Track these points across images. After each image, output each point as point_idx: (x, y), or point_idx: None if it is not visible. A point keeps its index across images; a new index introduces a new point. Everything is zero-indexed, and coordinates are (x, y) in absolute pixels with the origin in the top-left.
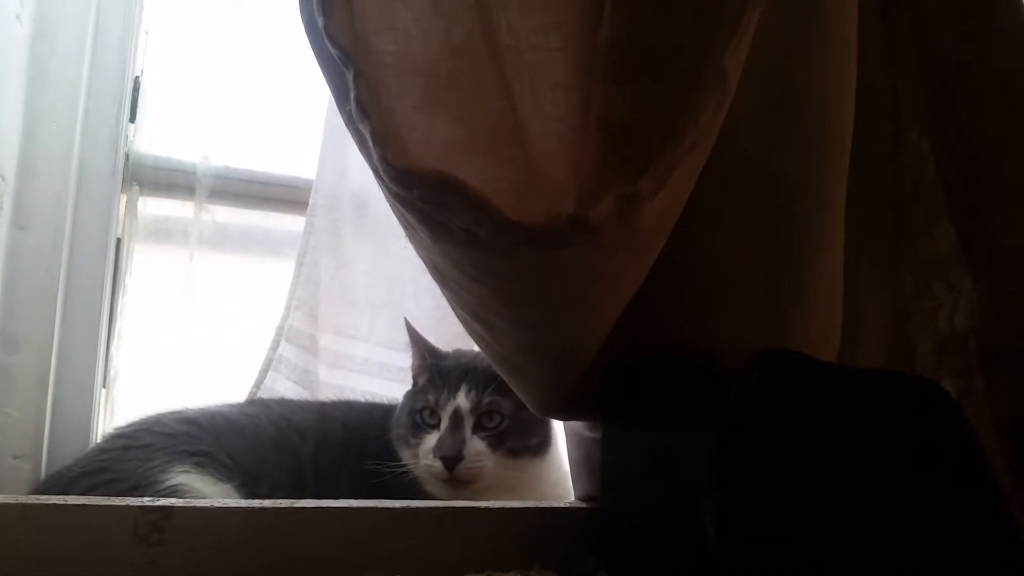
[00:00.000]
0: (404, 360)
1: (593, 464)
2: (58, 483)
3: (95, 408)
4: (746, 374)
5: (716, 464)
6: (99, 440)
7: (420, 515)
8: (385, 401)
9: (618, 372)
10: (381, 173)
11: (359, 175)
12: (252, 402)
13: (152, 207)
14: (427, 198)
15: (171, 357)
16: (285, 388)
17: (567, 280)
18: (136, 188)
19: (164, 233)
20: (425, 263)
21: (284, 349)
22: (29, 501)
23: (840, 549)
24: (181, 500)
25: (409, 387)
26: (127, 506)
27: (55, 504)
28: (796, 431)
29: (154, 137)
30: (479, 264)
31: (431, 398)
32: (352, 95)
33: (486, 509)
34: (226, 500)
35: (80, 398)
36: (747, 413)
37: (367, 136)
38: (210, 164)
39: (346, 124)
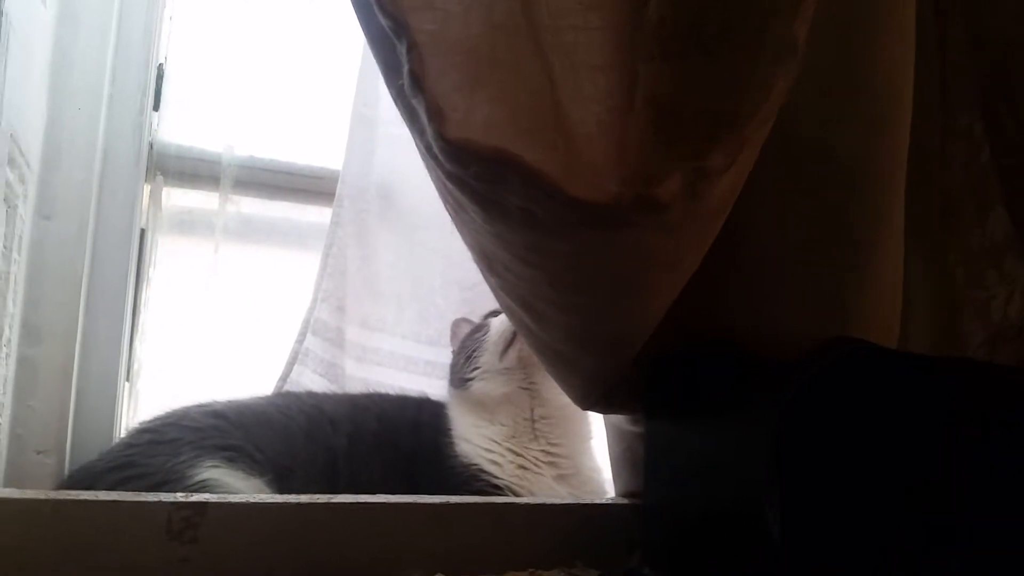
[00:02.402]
0: (431, 354)
1: (636, 459)
2: (83, 479)
3: (119, 402)
4: (810, 363)
5: (779, 457)
6: (123, 435)
7: (460, 510)
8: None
9: (665, 363)
10: (436, 150)
11: (385, 166)
12: (281, 394)
13: (176, 198)
14: (484, 175)
15: (195, 350)
16: (311, 382)
17: (625, 263)
18: (160, 178)
19: (189, 224)
20: (472, 249)
21: (310, 342)
22: (59, 496)
23: (913, 544)
24: (215, 496)
25: (434, 382)
26: (160, 502)
27: (86, 500)
28: (866, 421)
29: (178, 126)
30: (534, 246)
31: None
32: (406, 68)
33: (527, 505)
34: (261, 495)
35: (103, 391)
36: (813, 403)
37: (421, 111)
38: (234, 154)
39: (395, 101)
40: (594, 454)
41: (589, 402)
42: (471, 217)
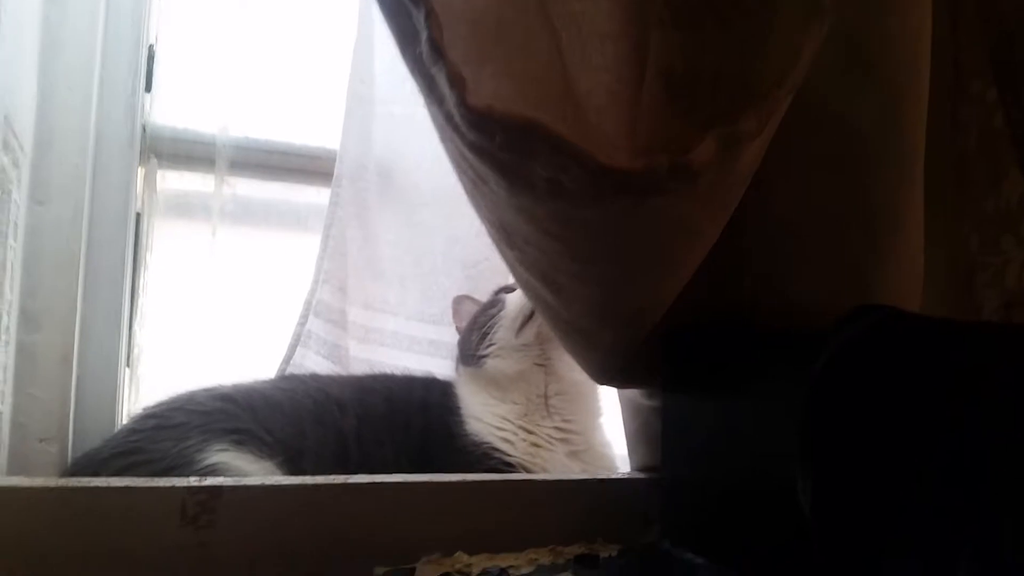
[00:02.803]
0: (434, 333)
1: (652, 433)
2: (87, 466)
3: (120, 388)
4: (838, 331)
5: (810, 429)
6: (126, 421)
7: (478, 488)
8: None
9: (681, 336)
10: (457, 119)
11: (383, 144)
12: (285, 377)
13: (172, 181)
14: (509, 145)
15: (195, 335)
16: (315, 364)
17: (651, 232)
18: (154, 161)
19: (185, 208)
20: (489, 223)
21: (313, 324)
22: (70, 484)
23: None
24: (230, 479)
25: (438, 362)
26: (174, 487)
27: (98, 487)
28: (901, 391)
29: (171, 108)
30: (559, 217)
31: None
32: (424, 35)
33: (544, 482)
34: (276, 477)
35: (104, 378)
36: (844, 373)
37: (441, 79)
38: (229, 135)
39: (412, 71)
40: (604, 430)
41: (607, 377)
42: (491, 190)
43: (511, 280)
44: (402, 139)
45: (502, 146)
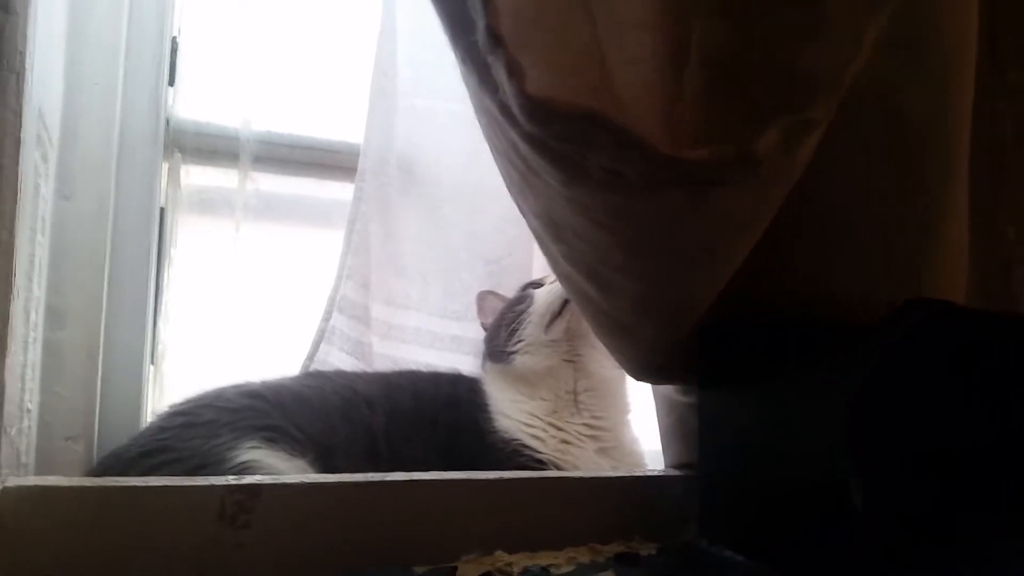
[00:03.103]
0: (457, 329)
1: (687, 430)
2: (114, 465)
3: (145, 385)
4: (891, 325)
5: (862, 425)
6: (153, 419)
7: (515, 485)
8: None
9: (719, 330)
10: (515, 109)
11: (405, 139)
12: (311, 374)
13: (195, 176)
14: (567, 135)
15: (219, 331)
16: (339, 360)
17: (705, 225)
18: (178, 155)
19: (209, 203)
20: (535, 216)
21: (336, 320)
22: (106, 484)
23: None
24: (268, 477)
25: (461, 358)
26: (212, 486)
27: (135, 486)
28: (955, 385)
29: (194, 102)
30: (614, 209)
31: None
32: (482, 24)
33: (580, 479)
34: (315, 476)
35: (129, 375)
36: (898, 367)
37: (499, 68)
38: (252, 129)
39: (463, 60)
40: (632, 427)
41: (645, 373)
42: (543, 182)
43: (535, 276)
44: (423, 133)
45: (560, 136)
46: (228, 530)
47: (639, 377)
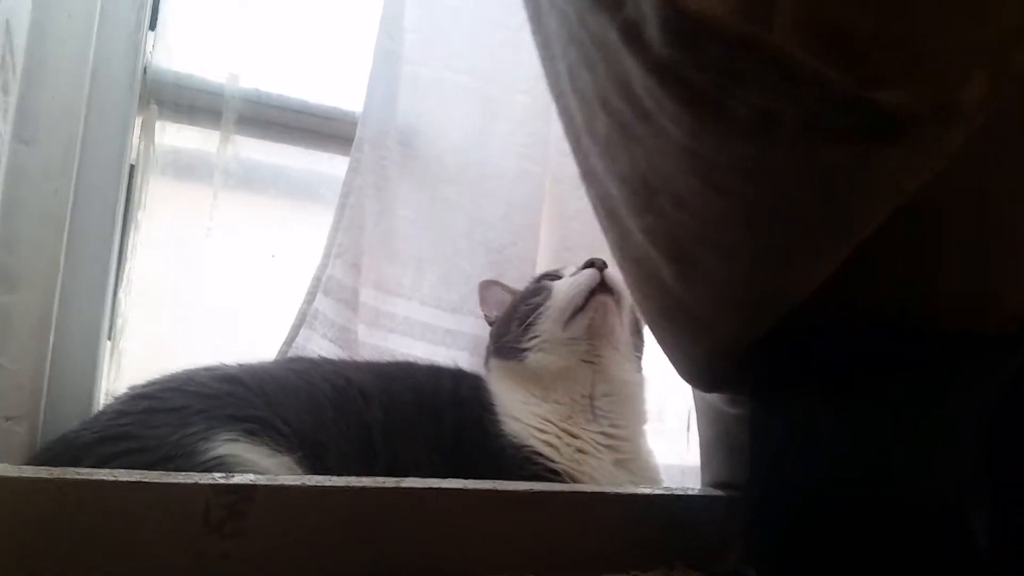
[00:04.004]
0: (451, 322)
1: (732, 444)
2: (63, 452)
3: (100, 362)
4: None
5: (991, 448)
6: (109, 401)
7: (545, 499)
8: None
9: (786, 333)
10: (651, 26)
11: (408, 109)
12: (296, 359)
13: (172, 136)
14: (716, 62)
15: (187, 309)
16: (319, 348)
17: (858, 192)
18: (154, 108)
19: (185, 167)
20: (620, 181)
21: (321, 303)
22: (66, 476)
23: None
24: (264, 477)
25: (456, 354)
26: (196, 484)
27: (102, 480)
28: None
29: (176, 50)
30: (750, 165)
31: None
32: None
33: (615, 495)
34: (318, 477)
35: (83, 350)
36: None
37: None
38: (239, 85)
39: None
40: (648, 438)
41: (703, 377)
42: (657, 130)
43: (540, 268)
44: (428, 105)
45: (706, 64)
46: (213, 538)
47: (695, 381)
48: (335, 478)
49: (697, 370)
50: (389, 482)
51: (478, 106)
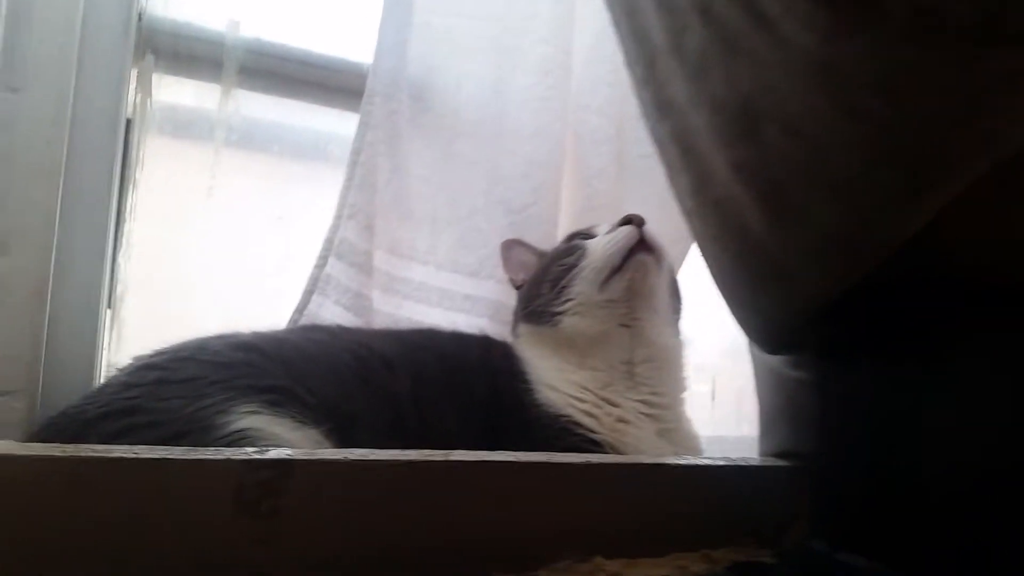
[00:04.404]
0: (470, 287)
1: (798, 412)
2: (66, 428)
3: (100, 332)
4: None
5: None
6: (114, 372)
7: (602, 473)
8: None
9: (870, 289)
10: None
11: (419, 60)
12: (312, 327)
13: (170, 92)
14: None
15: (190, 274)
16: (332, 315)
17: (1002, 108)
18: (151, 58)
19: (184, 123)
20: (714, 108)
21: (333, 267)
22: (81, 454)
23: None
24: (302, 451)
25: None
26: (227, 459)
27: (122, 458)
28: None
29: None
30: (900, 78)
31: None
32: None
33: (677, 467)
34: (361, 451)
35: (82, 319)
36: None
37: None
38: (240, 34)
39: None
40: (687, 407)
41: (774, 335)
42: (782, 37)
43: (562, 229)
44: (441, 56)
45: None
46: (247, 520)
47: (762, 340)
48: (378, 451)
49: (770, 328)
50: (437, 455)
51: (494, 57)
